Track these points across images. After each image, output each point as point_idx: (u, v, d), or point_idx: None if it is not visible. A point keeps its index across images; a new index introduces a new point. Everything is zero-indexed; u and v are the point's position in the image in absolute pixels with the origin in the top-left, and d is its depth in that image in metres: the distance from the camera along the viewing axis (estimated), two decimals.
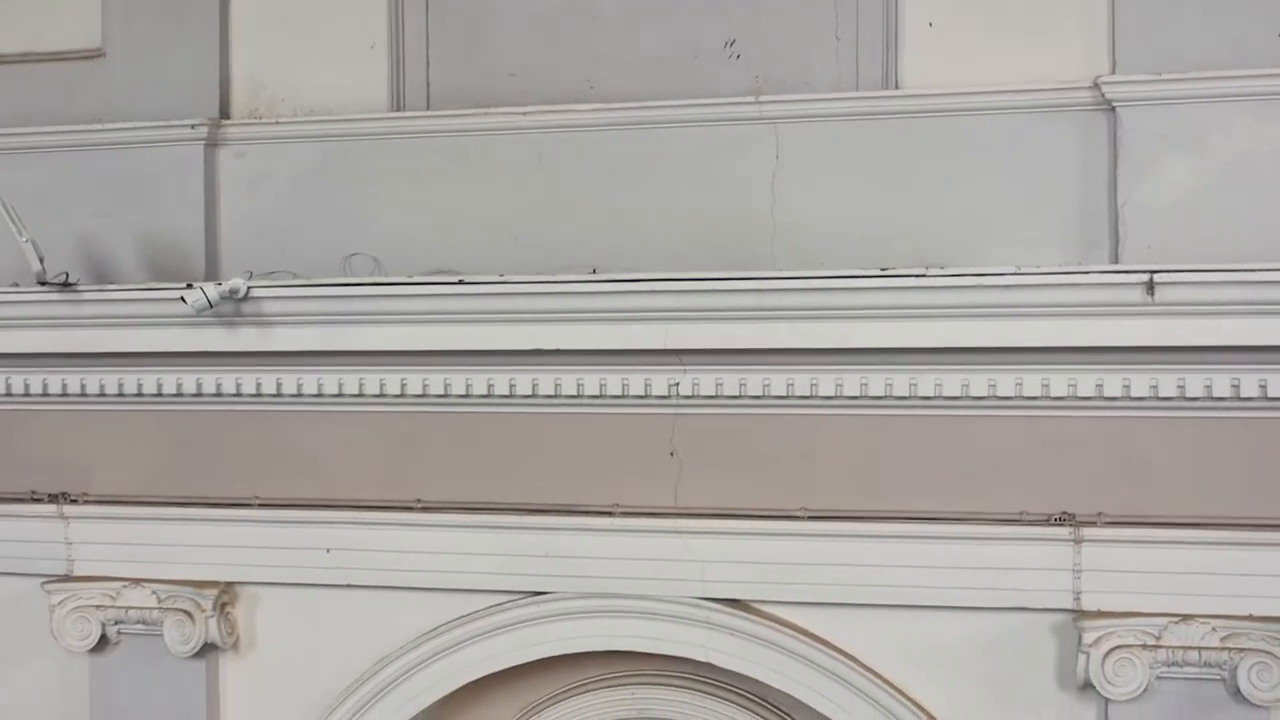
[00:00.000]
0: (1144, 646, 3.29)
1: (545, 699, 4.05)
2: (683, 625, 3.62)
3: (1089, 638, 3.31)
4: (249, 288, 3.47)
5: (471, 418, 3.67)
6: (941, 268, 3.17)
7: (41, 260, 3.52)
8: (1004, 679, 3.48)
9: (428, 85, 3.89)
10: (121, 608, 3.88)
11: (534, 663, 4.01)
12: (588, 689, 4.01)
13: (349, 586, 3.82)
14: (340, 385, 3.67)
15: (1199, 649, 3.27)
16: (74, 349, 3.72)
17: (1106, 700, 3.34)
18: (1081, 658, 3.32)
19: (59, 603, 3.91)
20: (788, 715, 3.90)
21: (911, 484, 3.44)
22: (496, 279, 3.38)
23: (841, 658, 3.52)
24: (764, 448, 3.51)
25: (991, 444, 3.39)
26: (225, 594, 3.88)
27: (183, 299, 3.41)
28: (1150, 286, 3.06)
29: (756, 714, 3.89)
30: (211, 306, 3.42)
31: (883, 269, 3.20)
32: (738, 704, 3.90)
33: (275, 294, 3.50)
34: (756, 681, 3.86)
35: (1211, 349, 3.14)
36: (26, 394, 3.89)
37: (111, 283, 3.84)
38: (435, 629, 3.74)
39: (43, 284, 3.54)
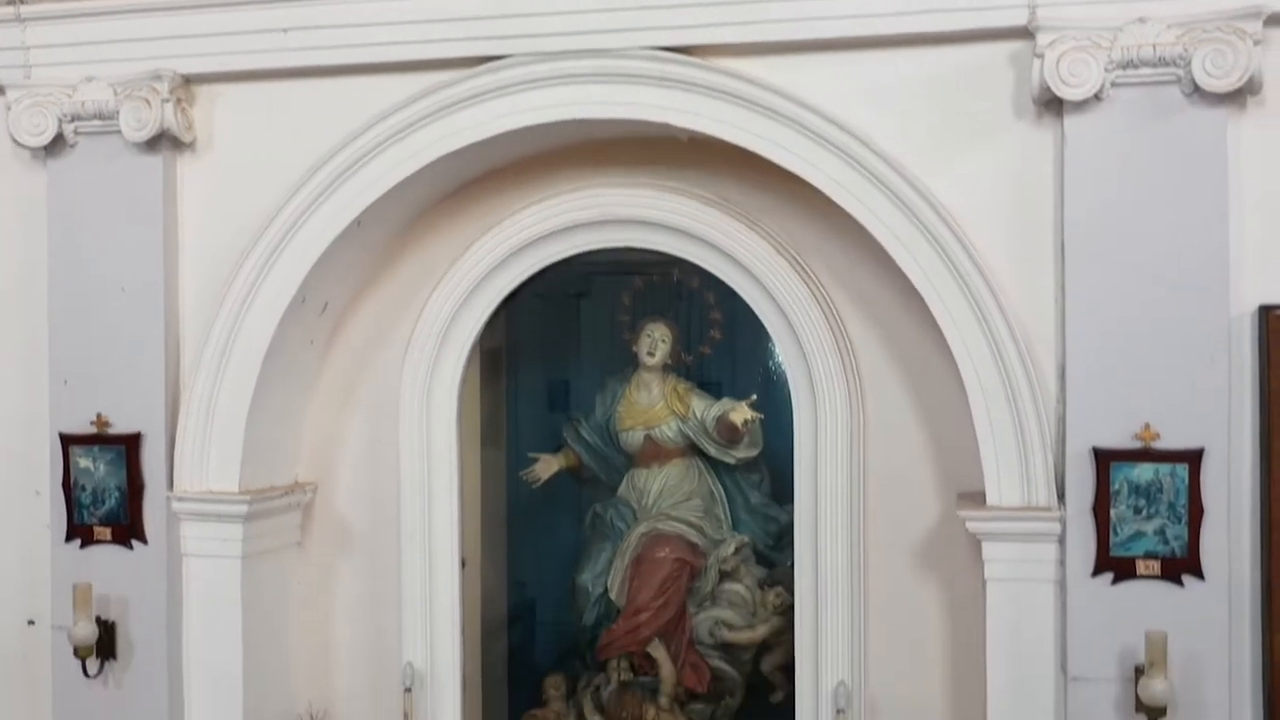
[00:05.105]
0: (1100, 47, 3.27)
1: (513, 210, 4.03)
2: (640, 86, 3.60)
3: (1044, 40, 3.29)
4: None
5: None
6: None
7: None
8: (961, 114, 3.48)
9: None
10: (78, 102, 3.85)
11: (503, 181, 4.03)
12: (554, 196, 3.99)
13: (307, 75, 3.81)
14: None
15: (1154, 45, 3.25)
16: None
17: (1062, 106, 3.33)
18: (1036, 62, 3.30)
19: (15, 100, 3.89)
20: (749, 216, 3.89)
21: None
22: None
23: (800, 104, 3.51)
24: None
25: None
26: (182, 90, 3.86)
27: None
28: None
29: (718, 209, 3.87)
30: None
31: None
32: (700, 201, 3.88)
33: None
34: (714, 185, 3.88)
35: None
36: None
37: None
38: (393, 107, 3.72)
39: None
